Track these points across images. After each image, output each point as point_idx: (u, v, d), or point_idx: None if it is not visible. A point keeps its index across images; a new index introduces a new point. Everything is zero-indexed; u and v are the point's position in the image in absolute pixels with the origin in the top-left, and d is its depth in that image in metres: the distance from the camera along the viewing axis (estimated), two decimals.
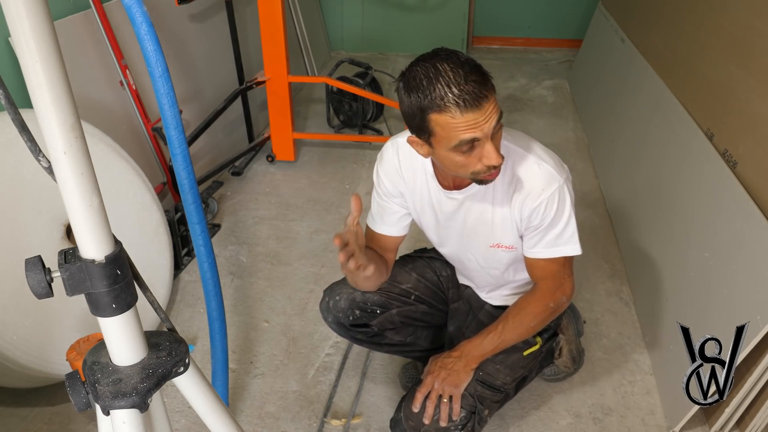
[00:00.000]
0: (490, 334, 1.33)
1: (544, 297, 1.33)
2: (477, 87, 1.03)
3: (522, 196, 1.24)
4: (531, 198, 1.23)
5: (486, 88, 1.05)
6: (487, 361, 1.36)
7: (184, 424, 1.64)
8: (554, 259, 1.30)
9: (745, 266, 1.47)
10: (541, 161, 1.23)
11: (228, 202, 2.74)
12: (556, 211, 1.23)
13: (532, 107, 3.81)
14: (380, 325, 1.51)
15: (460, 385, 1.31)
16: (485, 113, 1.05)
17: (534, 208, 1.23)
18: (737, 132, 1.73)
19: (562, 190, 1.23)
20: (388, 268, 1.48)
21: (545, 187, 1.22)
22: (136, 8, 1.01)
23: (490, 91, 1.06)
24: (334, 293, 1.51)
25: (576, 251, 1.29)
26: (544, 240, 1.28)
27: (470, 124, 1.05)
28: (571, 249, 1.29)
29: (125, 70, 2.19)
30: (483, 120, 1.05)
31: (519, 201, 1.25)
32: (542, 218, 1.24)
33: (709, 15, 2.16)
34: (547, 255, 1.30)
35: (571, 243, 1.28)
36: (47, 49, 0.56)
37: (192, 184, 1.20)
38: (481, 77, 1.05)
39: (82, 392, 0.73)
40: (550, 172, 1.23)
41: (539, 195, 1.22)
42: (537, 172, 1.23)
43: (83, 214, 0.63)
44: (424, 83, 1.05)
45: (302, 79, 3.71)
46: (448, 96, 1.03)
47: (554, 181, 1.22)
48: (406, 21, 4.74)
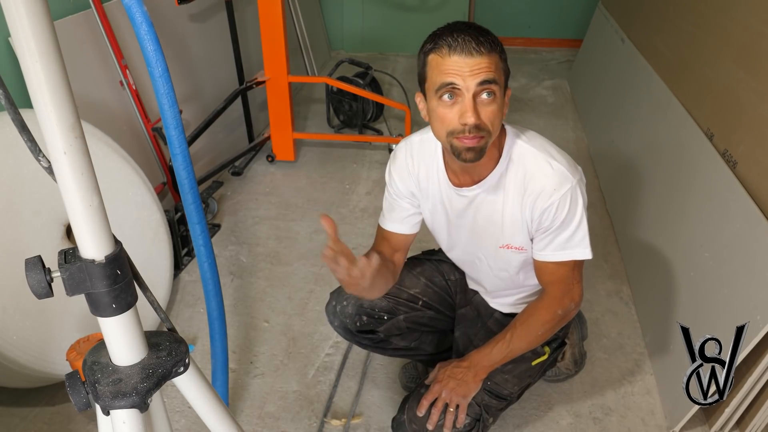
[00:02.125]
0: (498, 344, 1.32)
1: (552, 304, 1.31)
2: (474, 38, 1.07)
3: (533, 195, 1.22)
4: (542, 198, 1.21)
5: (484, 46, 1.07)
6: (495, 371, 1.35)
7: (184, 424, 1.64)
8: (564, 262, 1.27)
9: (745, 266, 1.47)
10: (554, 161, 1.21)
11: (228, 202, 2.74)
12: (567, 212, 1.21)
13: (532, 107, 3.81)
14: (387, 331, 1.50)
15: (468, 396, 1.31)
16: (472, 65, 1.06)
17: (545, 208, 1.21)
18: (737, 132, 1.73)
19: (574, 191, 1.21)
20: (395, 273, 1.45)
21: (557, 187, 1.20)
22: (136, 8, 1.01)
23: (488, 51, 1.08)
24: (341, 297, 1.50)
25: (586, 255, 1.26)
26: (554, 243, 1.25)
27: (454, 67, 1.07)
28: (581, 252, 1.26)
29: (125, 70, 2.19)
30: (468, 69, 1.07)
31: (530, 201, 1.22)
32: (553, 219, 1.22)
33: (709, 15, 2.16)
34: (556, 258, 1.27)
35: (581, 246, 1.25)
36: (47, 49, 0.56)
37: (192, 184, 1.20)
38: (485, 36, 1.08)
39: (82, 392, 0.73)
40: (563, 172, 1.21)
41: (551, 195, 1.20)
42: (549, 172, 1.21)
43: (83, 214, 0.63)
44: (435, 33, 1.12)
45: (302, 79, 3.71)
46: (445, 37, 1.08)
47: (567, 182, 1.20)
48: (406, 21, 4.74)
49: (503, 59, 1.12)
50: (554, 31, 4.92)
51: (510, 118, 3.56)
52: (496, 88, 1.09)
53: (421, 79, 1.17)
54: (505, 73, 1.13)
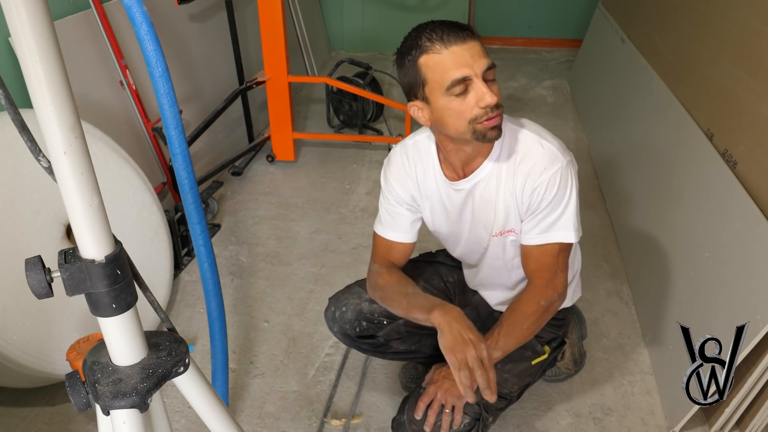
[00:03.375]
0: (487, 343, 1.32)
1: (535, 295, 1.30)
2: (456, 26, 1.11)
3: (523, 175, 1.22)
4: (532, 177, 1.21)
5: (466, 30, 1.11)
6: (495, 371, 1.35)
7: (184, 424, 1.64)
8: (548, 248, 1.26)
9: (745, 266, 1.47)
10: (545, 141, 1.23)
11: (228, 202, 2.74)
12: (556, 192, 1.21)
13: (532, 107, 3.81)
14: (387, 335, 1.50)
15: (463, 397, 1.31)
16: (471, 50, 1.10)
17: (535, 188, 1.22)
18: (737, 132, 1.73)
19: (564, 171, 1.21)
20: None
21: (547, 166, 1.20)
22: (136, 8, 1.01)
23: (473, 36, 1.11)
24: (340, 303, 1.50)
25: (570, 238, 1.25)
26: (540, 225, 1.25)
27: (457, 60, 1.09)
28: (564, 235, 1.25)
29: (125, 70, 2.19)
30: (470, 56, 1.09)
31: (521, 181, 1.23)
32: (542, 199, 1.22)
33: (709, 15, 2.16)
34: (540, 241, 1.26)
35: (565, 229, 1.25)
36: (47, 49, 0.56)
37: (192, 184, 1.20)
38: (462, 25, 1.12)
39: (82, 392, 0.73)
40: (554, 151, 1.21)
41: (541, 174, 1.21)
42: (540, 151, 1.22)
43: (83, 214, 0.63)
44: (410, 39, 1.15)
45: (302, 79, 3.71)
46: (431, 36, 1.11)
47: (557, 161, 1.21)
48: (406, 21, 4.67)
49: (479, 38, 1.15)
50: (554, 31, 4.92)
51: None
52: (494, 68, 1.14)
53: (415, 87, 1.16)
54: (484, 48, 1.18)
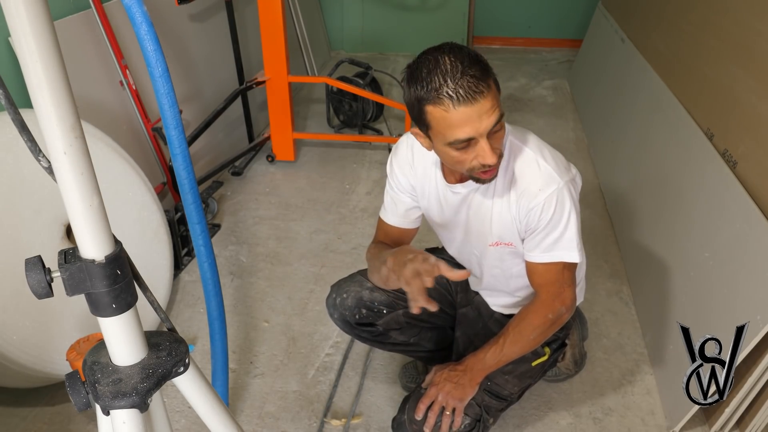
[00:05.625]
0: (492, 349, 1.31)
1: (543, 307, 1.30)
2: (473, 81, 1.02)
3: (518, 194, 1.23)
4: (527, 197, 1.22)
5: (483, 84, 1.03)
6: (496, 372, 1.35)
7: (184, 424, 1.64)
8: (552, 265, 1.27)
9: (745, 266, 1.47)
10: (543, 161, 1.22)
11: (228, 202, 2.74)
12: (553, 213, 1.21)
13: (532, 107, 3.81)
14: (386, 325, 1.50)
15: (464, 399, 1.30)
16: (480, 110, 1.04)
17: (531, 208, 1.22)
18: (737, 132, 1.73)
19: (561, 192, 1.20)
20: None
21: (543, 188, 1.20)
22: (136, 8, 1.01)
23: (488, 87, 1.04)
24: (341, 290, 1.51)
25: (573, 258, 1.25)
26: (542, 244, 1.25)
27: (464, 120, 1.04)
28: (567, 255, 1.25)
29: (125, 70, 2.19)
30: (477, 117, 1.04)
31: (515, 198, 1.24)
32: (539, 220, 1.22)
33: (710, 15, 2.16)
34: (544, 259, 1.27)
35: (568, 249, 1.24)
36: (47, 49, 0.56)
37: (192, 184, 1.20)
38: (481, 72, 1.04)
39: (82, 392, 0.73)
40: (550, 173, 1.21)
41: (536, 195, 1.21)
42: (536, 172, 1.21)
43: (83, 214, 0.63)
44: (423, 74, 1.05)
45: (302, 79, 3.71)
46: (443, 88, 1.03)
47: (552, 183, 1.20)
48: (406, 21, 4.74)
49: (494, 77, 1.09)
50: (554, 31, 4.92)
51: (510, 118, 3.56)
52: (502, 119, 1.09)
53: (419, 121, 1.12)
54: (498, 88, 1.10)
